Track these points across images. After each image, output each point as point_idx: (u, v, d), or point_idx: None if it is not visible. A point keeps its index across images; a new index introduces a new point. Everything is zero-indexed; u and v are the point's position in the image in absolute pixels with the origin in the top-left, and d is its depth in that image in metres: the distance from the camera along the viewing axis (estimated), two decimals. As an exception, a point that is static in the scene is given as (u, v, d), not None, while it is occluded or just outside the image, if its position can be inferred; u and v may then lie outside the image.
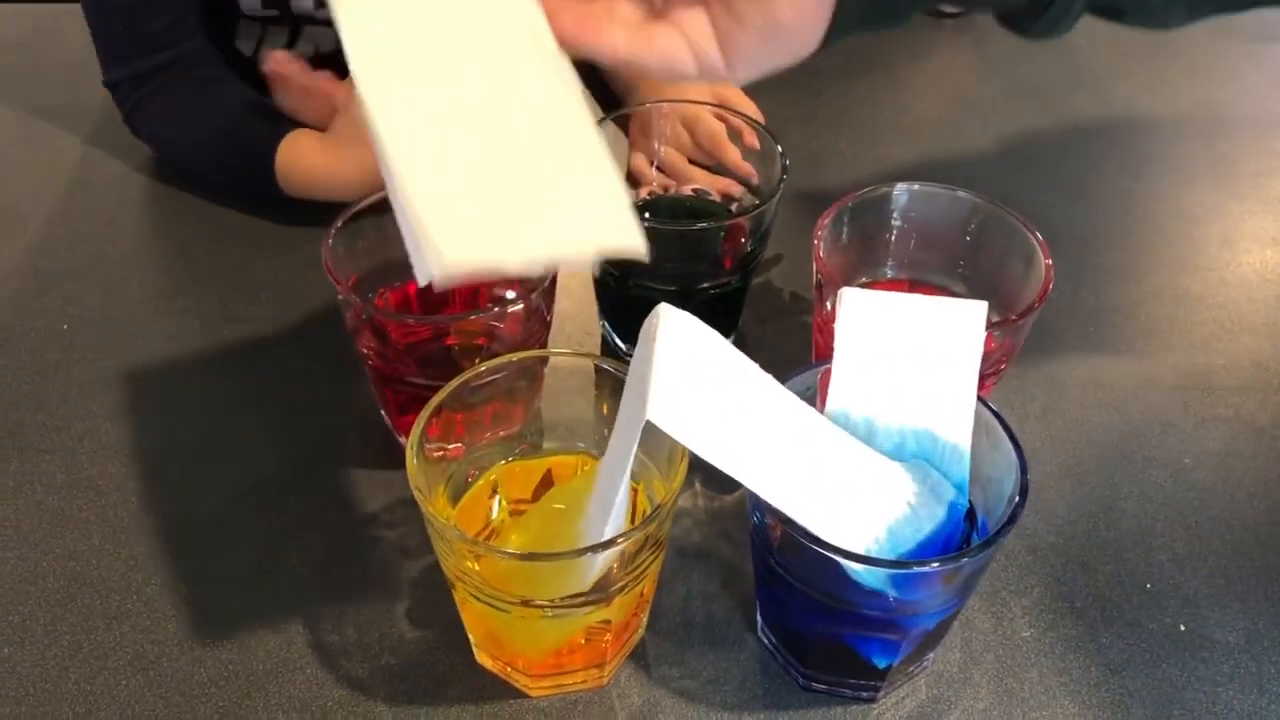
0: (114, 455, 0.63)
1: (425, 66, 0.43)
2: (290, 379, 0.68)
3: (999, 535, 0.45)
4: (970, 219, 0.61)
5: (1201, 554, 0.60)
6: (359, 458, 0.63)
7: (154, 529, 0.59)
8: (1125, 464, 0.64)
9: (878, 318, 0.50)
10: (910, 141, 0.92)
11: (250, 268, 0.76)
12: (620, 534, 0.44)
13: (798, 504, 0.44)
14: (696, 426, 0.42)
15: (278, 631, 0.55)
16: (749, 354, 0.47)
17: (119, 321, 0.72)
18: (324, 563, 0.58)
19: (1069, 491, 0.63)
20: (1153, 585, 0.58)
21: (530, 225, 0.41)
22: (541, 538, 0.51)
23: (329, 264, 0.56)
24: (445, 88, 0.43)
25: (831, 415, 0.50)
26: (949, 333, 0.49)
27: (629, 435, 0.43)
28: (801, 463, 0.46)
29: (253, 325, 0.72)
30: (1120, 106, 0.97)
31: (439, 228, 0.39)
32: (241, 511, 0.60)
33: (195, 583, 0.57)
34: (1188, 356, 0.71)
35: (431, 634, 0.55)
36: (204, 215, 0.81)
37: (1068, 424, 0.67)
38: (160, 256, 0.79)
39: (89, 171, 0.86)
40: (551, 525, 0.51)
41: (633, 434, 0.43)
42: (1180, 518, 0.61)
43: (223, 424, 0.65)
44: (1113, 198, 0.85)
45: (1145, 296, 0.76)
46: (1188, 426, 0.66)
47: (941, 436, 0.50)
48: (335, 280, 0.55)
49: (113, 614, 0.55)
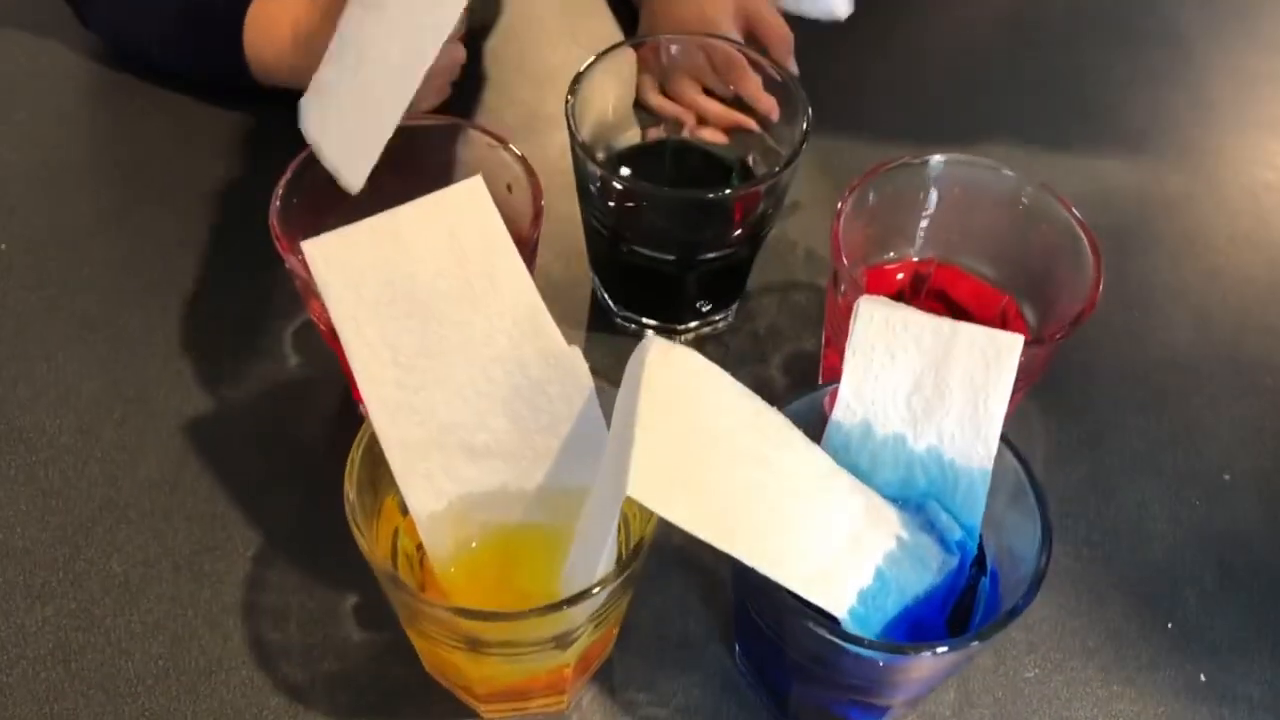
0: (49, 405, 0.58)
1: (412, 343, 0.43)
2: (246, 325, 0.62)
3: (1010, 615, 0.39)
4: (1015, 201, 0.53)
5: (1232, 592, 0.54)
6: (317, 423, 0.57)
7: (86, 494, 0.54)
8: (1158, 478, 0.58)
9: (897, 336, 0.44)
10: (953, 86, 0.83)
11: (215, 179, 0.69)
12: (595, 584, 0.39)
13: (787, 567, 0.39)
14: (680, 500, 0.36)
15: (214, 625, 0.50)
16: (753, 324, 0.41)
17: (64, 243, 0.65)
18: (268, 546, 0.53)
19: (1093, 508, 0.57)
20: (1175, 626, 0.53)
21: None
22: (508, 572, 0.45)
23: (277, 230, 0.49)
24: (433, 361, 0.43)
25: (833, 442, 0.44)
26: (977, 363, 0.43)
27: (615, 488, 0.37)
28: (793, 518, 0.40)
29: (211, 252, 0.65)
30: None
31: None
32: (184, 478, 0.55)
33: (128, 561, 0.52)
34: (1241, 353, 0.64)
35: (380, 638, 0.50)
36: (167, 113, 0.73)
37: (1100, 425, 0.60)
38: (114, 165, 0.71)
39: (34, 61, 0.77)
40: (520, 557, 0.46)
41: (618, 491, 0.37)
42: (1212, 547, 0.56)
43: (171, 373, 0.59)
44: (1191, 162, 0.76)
45: (1198, 279, 0.68)
46: (1231, 438, 0.60)
47: (956, 474, 0.44)
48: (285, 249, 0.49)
49: (35, 593, 0.51)
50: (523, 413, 0.44)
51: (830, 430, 0.45)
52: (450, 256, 0.43)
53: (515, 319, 0.44)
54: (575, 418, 0.44)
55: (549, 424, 0.44)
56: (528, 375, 0.44)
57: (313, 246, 0.43)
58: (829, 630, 0.39)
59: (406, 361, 0.43)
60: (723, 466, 0.39)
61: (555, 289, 0.64)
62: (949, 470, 0.43)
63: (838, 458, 0.44)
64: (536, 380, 0.44)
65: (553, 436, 0.44)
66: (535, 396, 0.44)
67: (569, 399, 0.44)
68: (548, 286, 0.64)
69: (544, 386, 0.44)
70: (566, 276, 0.65)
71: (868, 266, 0.56)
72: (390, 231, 0.44)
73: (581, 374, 0.43)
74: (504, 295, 0.44)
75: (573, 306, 0.64)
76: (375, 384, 0.43)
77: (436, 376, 0.43)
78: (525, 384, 0.44)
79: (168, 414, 0.58)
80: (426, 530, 0.43)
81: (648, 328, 0.62)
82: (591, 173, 0.54)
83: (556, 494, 0.45)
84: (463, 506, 0.44)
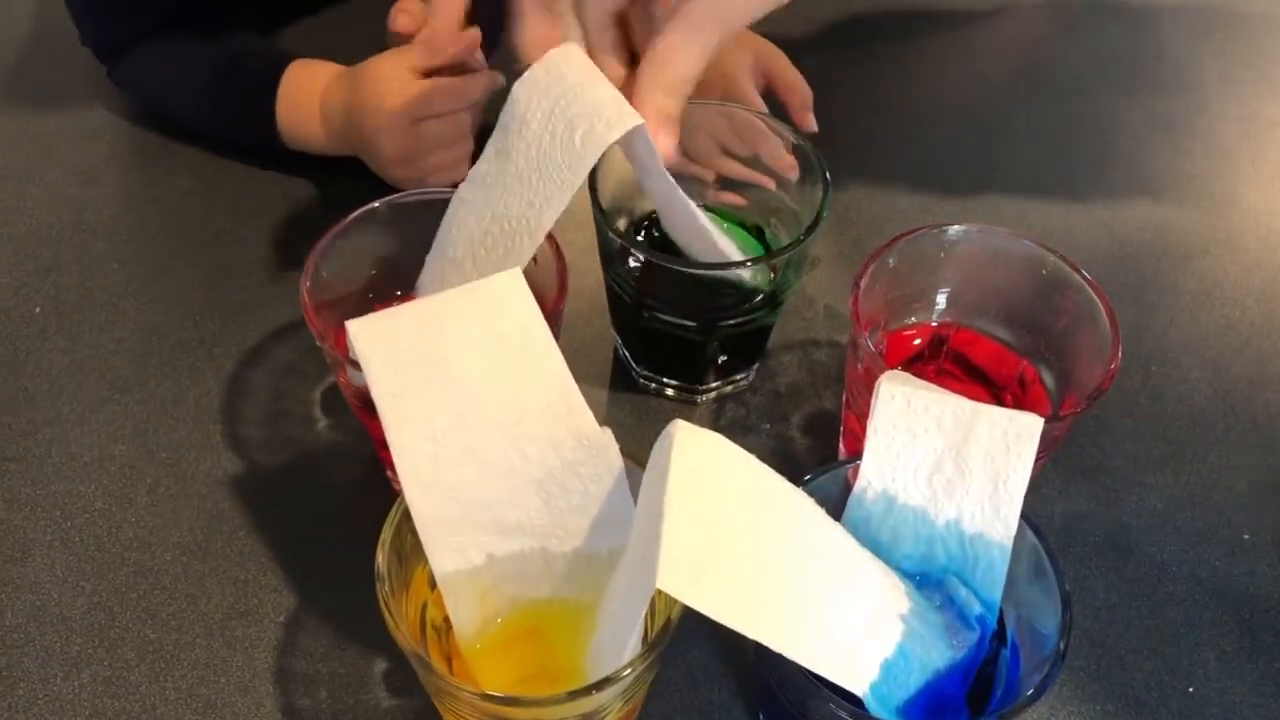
0: (83, 469, 0.59)
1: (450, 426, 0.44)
2: (274, 389, 0.63)
3: (1032, 698, 0.40)
4: (1034, 270, 0.54)
5: (1253, 653, 0.54)
6: (346, 487, 0.58)
7: (120, 560, 0.55)
8: (1177, 536, 0.59)
9: (918, 416, 0.44)
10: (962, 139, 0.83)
11: (244, 241, 0.70)
12: (623, 667, 0.40)
13: (809, 649, 0.39)
14: (708, 590, 0.37)
15: (246, 692, 0.51)
16: (774, 383, 0.41)
17: (96, 305, 0.67)
18: (299, 611, 0.54)
19: (1112, 568, 0.57)
20: (1195, 689, 0.53)
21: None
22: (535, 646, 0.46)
23: (308, 306, 0.50)
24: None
25: (854, 516, 0.45)
26: (998, 444, 0.43)
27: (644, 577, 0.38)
28: (816, 600, 0.41)
29: (241, 315, 0.66)
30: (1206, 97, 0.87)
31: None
32: (215, 543, 0.56)
33: (162, 627, 0.53)
34: (1259, 407, 0.65)
35: (410, 704, 0.51)
36: (196, 175, 0.75)
37: (1118, 484, 0.61)
38: (144, 226, 0.72)
39: (65, 121, 0.79)
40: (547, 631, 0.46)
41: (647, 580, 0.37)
42: (1233, 608, 0.56)
43: (201, 436, 0.60)
44: (1208, 212, 0.77)
45: (1215, 333, 0.69)
46: (1251, 496, 0.60)
47: (976, 552, 0.44)
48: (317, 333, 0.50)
49: (72, 660, 0.52)
50: (554, 492, 0.45)
51: (852, 505, 0.45)
52: (487, 341, 0.44)
53: (549, 400, 0.44)
54: (605, 498, 0.45)
55: (580, 504, 0.45)
56: (560, 455, 0.44)
57: (356, 326, 0.44)
58: (850, 713, 0.40)
59: (442, 438, 0.44)
60: (748, 553, 0.39)
61: (578, 346, 0.65)
62: (969, 547, 0.44)
63: (860, 531, 0.45)
64: (568, 461, 0.44)
65: (583, 516, 0.45)
66: (567, 477, 0.45)
67: (600, 479, 0.45)
68: (571, 344, 0.65)
69: (575, 467, 0.45)
70: (590, 334, 0.66)
71: (887, 331, 0.57)
72: (431, 315, 0.45)
73: (613, 455, 0.44)
74: (538, 378, 0.44)
75: (595, 364, 0.65)
76: (411, 459, 0.43)
77: (471, 454, 0.44)
78: (557, 464, 0.44)
79: (199, 477, 0.59)
80: (454, 604, 0.44)
81: (669, 387, 0.63)
82: (612, 240, 0.55)
83: (584, 570, 0.46)
84: (491, 581, 0.45)
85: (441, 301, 0.45)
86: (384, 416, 0.43)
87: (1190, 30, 0.92)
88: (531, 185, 0.49)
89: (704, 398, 0.63)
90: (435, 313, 0.45)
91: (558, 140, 0.48)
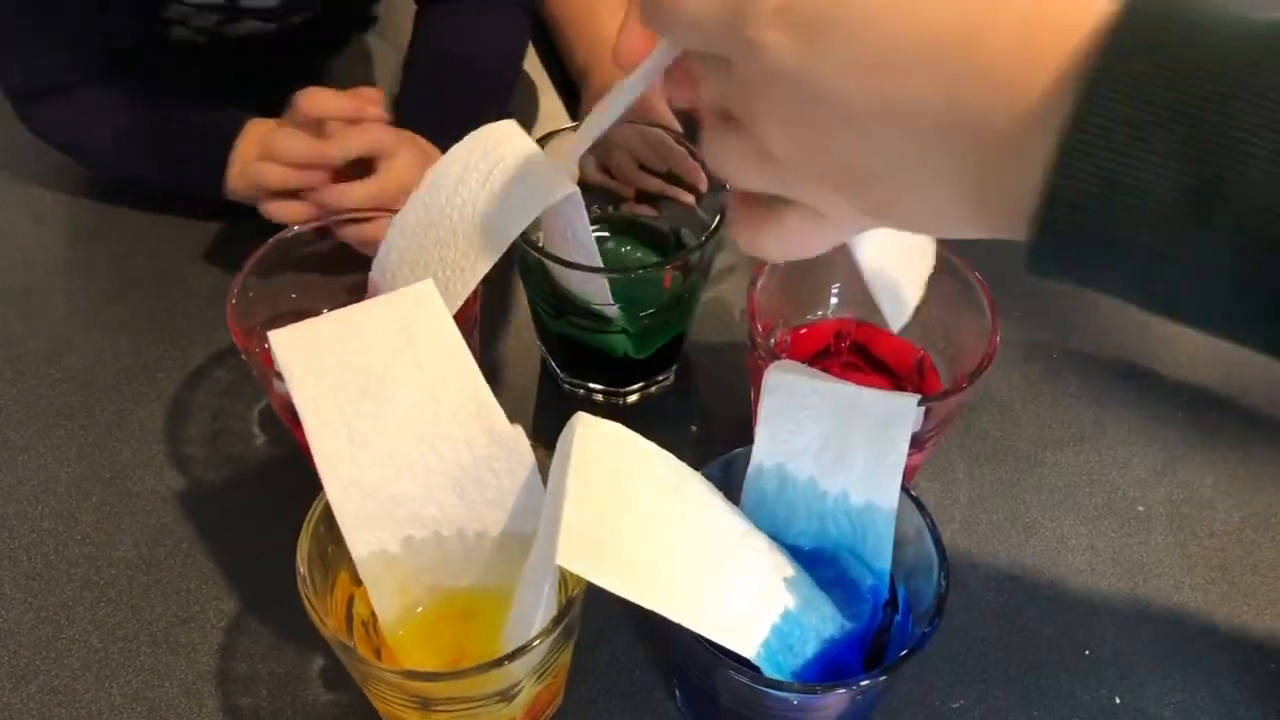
0: (29, 492, 0.61)
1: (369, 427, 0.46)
2: (213, 410, 0.66)
3: (912, 650, 0.43)
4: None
5: (1146, 616, 0.58)
6: (282, 499, 0.61)
7: (67, 575, 0.58)
8: (1076, 512, 0.62)
9: (803, 400, 0.48)
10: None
11: (182, 274, 0.73)
12: (531, 639, 0.42)
13: (704, 618, 0.42)
14: (605, 565, 0.40)
15: (189, 693, 0.54)
16: (693, 383, 0.44)
17: (41, 337, 0.69)
18: (239, 616, 0.56)
19: (1014, 543, 0.61)
20: (1092, 652, 0.56)
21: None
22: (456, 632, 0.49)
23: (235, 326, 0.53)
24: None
25: (751, 497, 0.48)
26: (878, 423, 0.47)
27: (548, 555, 0.41)
28: (710, 574, 0.44)
29: (180, 341, 0.69)
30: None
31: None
32: (159, 556, 0.59)
33: (108, 637, 0.55)
34: (1154, 389, 0.68)
35: (344, 698, 0.53)
36: (138, 212, 0.77)
37: (1020, 465, 0.64)
38: (88, 262, 0.75)
39: (13, 163, 0.82)
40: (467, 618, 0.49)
41: (550, 558, 0.40)
42: (1128, 576, 0.59)
43: (145, 457, 0.63)
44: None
45: (1117, 317, 0.72)
46: (1145, 471, 0.64)
47: (863, 524, 0.47)
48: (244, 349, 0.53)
49: (20, 672, 0.54)
50: (469, 487, 0.48)
51: (748, 486, 0.48)
52: (402, 347, 0.47)
53: (462, 401, 0.47)
54: (519, 490, 0.48)
55: (495, 497, 0.48)
56: (474, 452, 0.47)
57: (277, 336, 0.47)
58: (750, 678, 0.43)
59: (361, 440, 0.47)
60: (644, 532, 0.42)
61: (505, 359, 0.69)
62: (856, 520, 0.47)
63: (756, 510, 0.48)
64: (481, 457, 0.47)
65: (498, 508, 0.48)
66: (481, 472, 0.48)
67: (513, 474, 0.48)
68: (498, 356, 0.69)
69: (489, 463, 0.47)
70: (516, 346, 0.69)
71: (792, 328, 0.60)
72: (349, 324, 0.48)
73: (524, 451, 0.47)
74: (452, 380, 0.47)
75: (523, 374, 0.68)
76: (331, 460, 0.46)
77: (389, 454, 0.47)
78: (471, 460, 0.47)
79: (143, 495, 0.61)
80: (376, 594, 0.47)
81: (595, 392, 0.66)
82: (528, 252, 0.59)
83: (501, 559, 0.48)
84: (411, 571, 0.48)
85: (359, 311, 0.48)
86: (305, 420, 0.46)
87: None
88: (466, 236, 0.52)
89: (629, 399, 0.67)
90: (353, 321, 0.48)
91: (496, 199, 0.52)
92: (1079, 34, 0.27)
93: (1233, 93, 0.25)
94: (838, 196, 0.34)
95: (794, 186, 0.35)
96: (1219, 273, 0.27)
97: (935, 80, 0.29)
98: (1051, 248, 0.29)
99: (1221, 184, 0.26)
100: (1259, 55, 0.26)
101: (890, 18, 0.29)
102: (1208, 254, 0.27)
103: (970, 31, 0.29)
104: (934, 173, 0.31)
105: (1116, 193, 0.27)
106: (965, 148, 0.30)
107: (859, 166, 0.32)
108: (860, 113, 0.30)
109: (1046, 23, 0.28)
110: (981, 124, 0.29)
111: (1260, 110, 0.25)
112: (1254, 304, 0.27)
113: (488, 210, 0.52)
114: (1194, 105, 0.26)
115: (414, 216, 0.54)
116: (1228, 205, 0.26)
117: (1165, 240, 0.27)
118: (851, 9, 0.30)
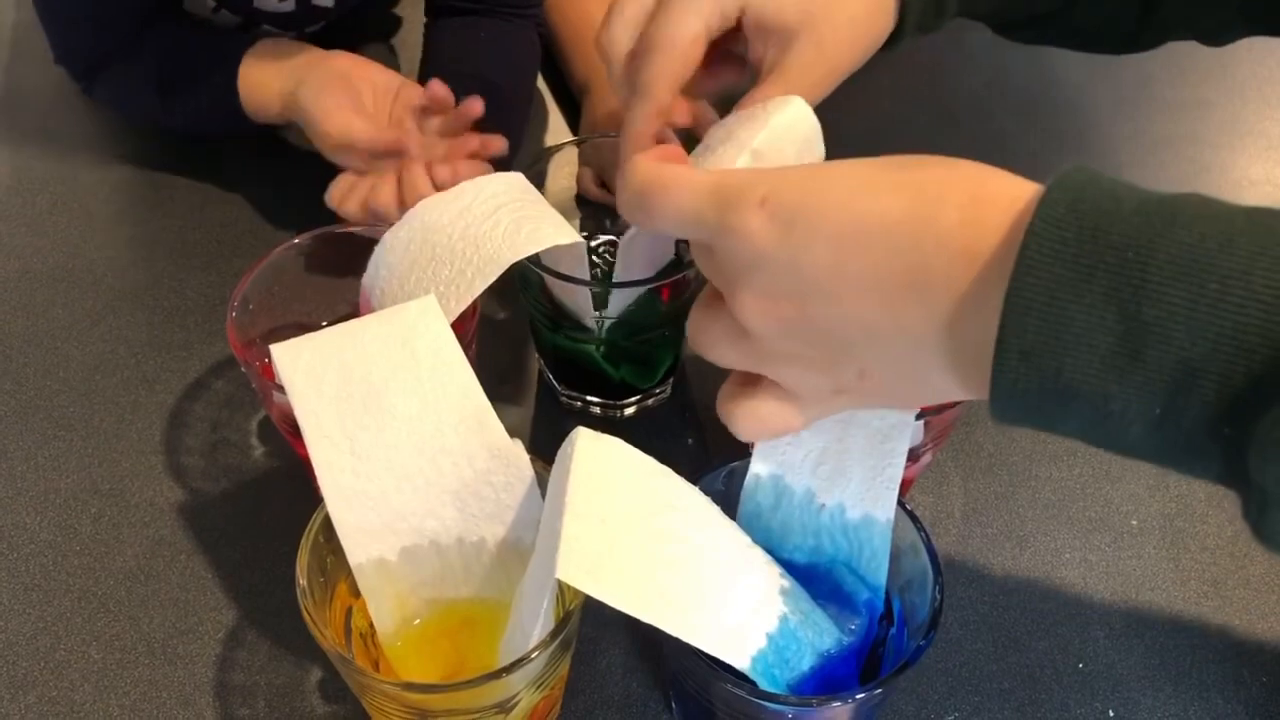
0: (29, 502, 0.61)
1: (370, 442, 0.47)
2: (213, 421, 0.66)
3: (908, 663, 0.43)
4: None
5: (1139, 630, 0.58)
6: (280, 510, 0.61)
7: (65, 587, 0.58)
8: (1070, 525, 0.63)
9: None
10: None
11: (182, 284, 0.73)
12: (530, 650, 0.43)
13: (699, 631, 0.43)
14: (604, 579, 0.40)
15: (187, 705, 0.54)
16: (690, 396, 0.44)
17: (41, 347, 0.70)
18: (238, 627, 0.57)
19: (1008, 556, 0.61)
20: (1085, 665, 0.57)
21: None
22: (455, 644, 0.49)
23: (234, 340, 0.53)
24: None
25: (747, 511, 0.49)
26: (874, 438, 0.47)
27: (547, 569, 0.41)
28: (706, 588, 0.44)
29: (180, 352, 0.69)
30: (1101, 113, 0.92)
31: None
32: (158, 567, 0.59)
33: (106, 648, 0.56)
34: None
35: (342, 709, 0.54)
36: (136, 223, 0.78)
37: (1014, 479, 0.65)
38: (87, 271, 0.75)
39: (11, 177, 0.82)
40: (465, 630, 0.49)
41: (549, 572, 0.41)
42: (1121, 589, 0.60)
43: (144, 468, 0.63)
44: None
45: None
46: (1139, 487, 0.64)
47: (859, 539, 0.48)
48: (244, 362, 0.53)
49: (19, 683, 0.54)
50: (469, 501, 0.48)
51: (744, 500, 0.49)
52: (404, 361, 0.48)
53: (462, 416, 0.48)
54: (517, 505, 0.48)
55: (494, 511, 0.48)
56: (474, 466, 0.48)
57: (279, 350, 0.47)
58: (746, 690, 0.43)
59: (362, 453, 0.47)
60: (642, 546, 0.43)
61: (504, 372, 0.69)
62: (852, 534, 0.47)
63: (752, 525, 0.49)
64: (481, 471, 0.48)
65: (497, 522, 0.48)
66: (480, 486, 0.48)
67: (512, 488, 0.48)
68: (498, 370, 0.69)
69: (488, 477, 0.48)
70: (514, 360, 0.70)
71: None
72: (350, 338, 0.48)
73: (523, 465, 0.48)
74: (452, 395, 0.48)
75: (521, 388, 0.69)
76: (332, 473, 0.47)
77: (389, 468, 0.47)
78: (471, 475, 0.48)
79: (141, 506, 0.61)
80: (375, 606, 0.47)
81: (592, 405, 0.67)
82: (528, 267, 0.59)
83: (499, 572, 0.49)
84: (410, 584, 0.48)
85: (360, 325, 0.49)
86: (306, 433, 0.46)
87: (1080, 57, 0.97)
88: (464, 256, 0.53)
89: (626, 412, 0.67)
90: (355, 336, 0.48)
91: (500, 229, 0.53)
92: (1017, 207, 0.33)
93: (1148, 254, 0.30)
94: (813, 373, 0.38)
95: (766, 363, 0.39)
96: (1158, 400, 0.31)
97: (897, 249, 0.34)
98: (1009, 395, 0.33)
99: (1147, 325, 0.30)
100: (1161, 224, 0.30)
101: (855, 203, 0.35)
102: (1147, 388, 0.31)
103: (927, 209, 0.34)
104: (906, 334, 0.35)
105: (1061, 337, 0.31)
106: (933, 306, 0.34)
107: (837, 334, 0.36)
108: (834, 281, 0.35)
109: (989, 199, 0.34)
110: (942, 284, 0.34)
111: (1169, 266, 0.30)
112: (1194, 433, 0.31)
113: (491, 235, 0.53)
114: (1113, 260, 0.30)
115: (405, 234, 0.54)
116: (1157, 341, 0.30)
117: (1110, 378, 0.31)
118: (825, 196, 0.35)
